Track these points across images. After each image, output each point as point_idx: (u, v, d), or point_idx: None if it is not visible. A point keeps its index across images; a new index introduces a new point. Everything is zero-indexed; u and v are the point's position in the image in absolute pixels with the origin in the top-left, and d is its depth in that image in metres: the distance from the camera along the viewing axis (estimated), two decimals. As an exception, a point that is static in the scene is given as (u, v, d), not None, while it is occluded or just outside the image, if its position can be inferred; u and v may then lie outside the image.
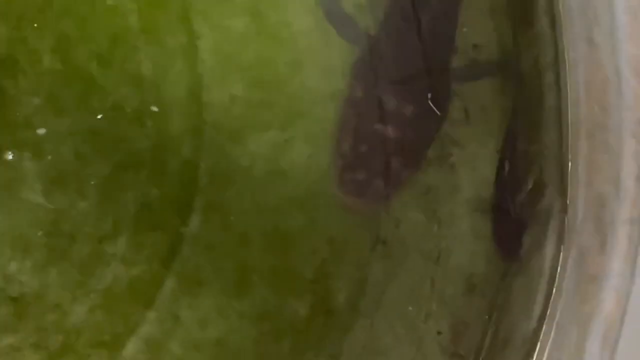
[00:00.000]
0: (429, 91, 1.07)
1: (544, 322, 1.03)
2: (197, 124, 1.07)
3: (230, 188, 1.07)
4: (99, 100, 1.07)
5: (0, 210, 1.04)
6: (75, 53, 1.07)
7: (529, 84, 1.09)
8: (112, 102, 1.07)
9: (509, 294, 1.07)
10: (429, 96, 1.07)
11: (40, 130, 1.06)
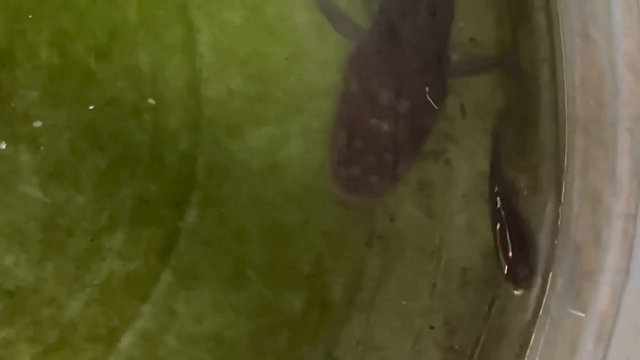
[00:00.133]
0: (425, 86, 1.07)
1: (538, 316, 1.04)
2: (195, 118, 1.07)
3: (227, 183, 1.07)
4: (97, 94, 1.06)
5: (-3, 203, 1.04)
6: (73, 46, 1.07)
7: (524, 79, 1.10)
8: (110, 96, 1.06)
9: (503, 288, 1.07)
10: (426, 90, 1.07)
11: (37, 123, 1.05)
